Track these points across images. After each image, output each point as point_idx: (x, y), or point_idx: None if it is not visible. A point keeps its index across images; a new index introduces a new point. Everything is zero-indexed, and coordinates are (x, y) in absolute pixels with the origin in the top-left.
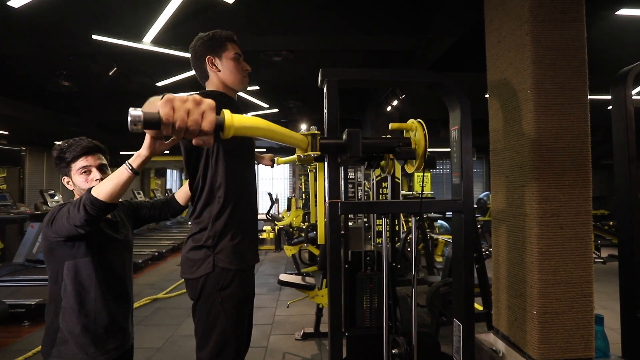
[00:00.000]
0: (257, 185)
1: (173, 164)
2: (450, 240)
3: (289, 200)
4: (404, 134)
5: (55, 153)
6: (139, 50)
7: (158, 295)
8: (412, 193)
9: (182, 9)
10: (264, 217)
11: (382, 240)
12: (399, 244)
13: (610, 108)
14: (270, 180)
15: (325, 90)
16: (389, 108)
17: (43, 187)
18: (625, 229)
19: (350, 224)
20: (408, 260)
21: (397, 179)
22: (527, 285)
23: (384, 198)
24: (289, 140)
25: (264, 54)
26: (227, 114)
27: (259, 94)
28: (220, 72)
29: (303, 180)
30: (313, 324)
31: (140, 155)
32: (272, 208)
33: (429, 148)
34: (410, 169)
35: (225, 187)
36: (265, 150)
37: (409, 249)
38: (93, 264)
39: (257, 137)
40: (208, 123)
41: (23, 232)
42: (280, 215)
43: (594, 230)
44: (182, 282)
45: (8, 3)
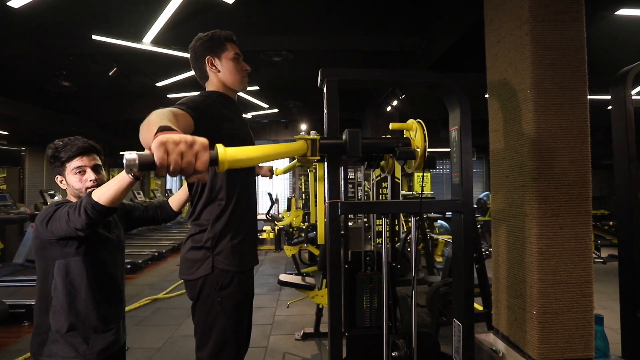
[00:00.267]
0: (257, 186)
1: None
2: (450, 240)
3: (289, 201)
4: (404, 134)
5: (50, 152)
6: (139, 51)
7: (158, 296)
8: (412, 193)
9: (182, 9)
10: (264, 217)
11: (382, 240)
12: (399, 244)
13: (610, 108)
14: (270, 181)
15: (325, 91)
16: (389, 108)
17: (43, 187)
18: (625, 229)
19: (350, 224)
20: (408, 260)
21: (397, 179)
22: (526, 285)
23: (384, 198)
24: (288, 155)
25: (264, 54)
26: (220, 149)
27: (259, 94)
28: (220, 72)
29: (303, 181)
30: (313, 324)
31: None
32: (272, 208)
33: (429, 148)
34: (410, 169)
35: (225, 189)
36: None
37: (409, 249)
38: (84, 263)
39: (255, 164)
40: (201, 164)
41: (23, 232)
42: (280, 216)
43: (594, 230)
44: (182, 282)
45: (8, 3)
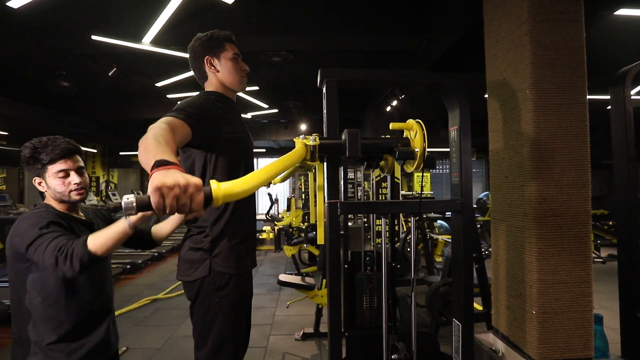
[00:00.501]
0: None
1: None
2: (450, 240)
3: (289, 201)
4: (404, 134)
5: (28, 152)
6: (139, 51)
7: (158, 296)
8: (411, 193)
9: (181, 9)
10: (264, 217)
11: (381, 241)
12: (399, 244)
13: (610, 108)
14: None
15: (325, 91)
16: (389, 108)
17: None
18: (625, 229)
19: (350, 224)
20: (408, 260)
21: (396, 179)
22: (526, 285)
23: (384, 198)
24: (288, 167)
25: (264, 55)
26: (213, 186)
27: (259, 94)
28: (219, 72)
29: (303, 181)
30: (313, 324)
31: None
32: (271, 208)
33: (429, 148)
34: (410, 169)
35: None
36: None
37: (409, 249)
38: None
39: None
40: (196, 204)
41: None
42: (280, 216)
43: (594, 230)
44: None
45: (7, 4)
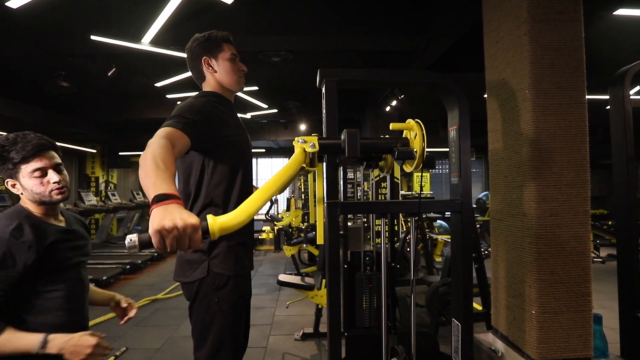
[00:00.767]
0: (254, 189)
1: None
2: (449, 240)
3: (288, 201)
4: (404, 134)
5: None
6: (138, 51)
7: (157, 296)
8: (411, 193)
9: (181, 10)
10: (263, 217)
11: (381, 241)
12: (398, 244)
13: (609, 108)
14: None
15: (324, 91)
16: (388, 108)
17: None
18: (624, 229)
19: (350, 224)
20: (407, 260)
21: (396, 179)
22: (525, 285)
23: (383, 198)
24: (289, 179)
25: (263, 55)
26: (210, 221)
27: (258, 94)
28: (217, 73)
29: (302, 181)
30: (312, 324)
31: (60, 349)
32: (271, 208)
33: (428, 148)
34: (409, 169)
35: (223, 192)
36: (264, 151)
37: (408, 249)
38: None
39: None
40: (194, 243)
41: None
42: (280, 216)
43: (593, 230)
44: None
45: (7, 4)
